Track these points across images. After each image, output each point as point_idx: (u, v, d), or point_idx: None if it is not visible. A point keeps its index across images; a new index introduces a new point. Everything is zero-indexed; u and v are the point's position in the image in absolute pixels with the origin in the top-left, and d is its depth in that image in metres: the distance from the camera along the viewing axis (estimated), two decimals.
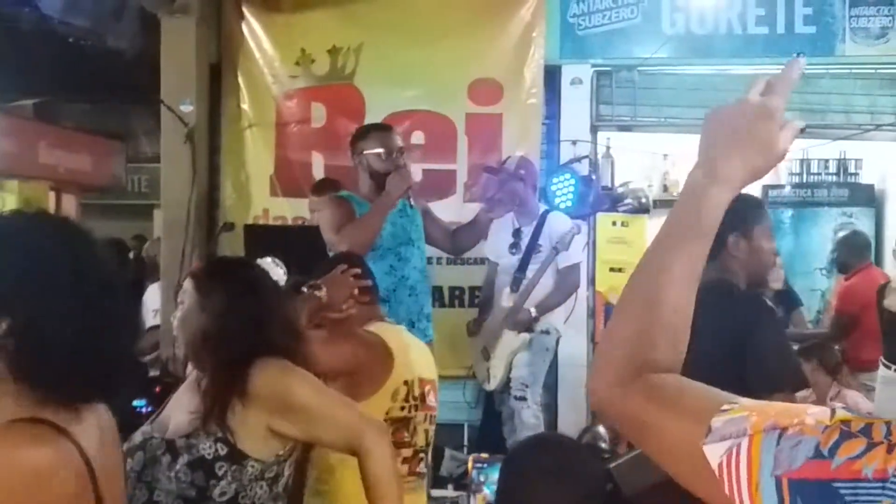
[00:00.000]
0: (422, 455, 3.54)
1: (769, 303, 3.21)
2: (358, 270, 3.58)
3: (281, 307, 2.79)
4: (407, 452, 3.44)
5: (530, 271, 6.11)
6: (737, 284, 3.24)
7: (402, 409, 3.44)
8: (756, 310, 3.18)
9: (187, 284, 2.77)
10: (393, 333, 3.58)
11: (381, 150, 5.30)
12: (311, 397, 2.61)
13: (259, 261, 3.58)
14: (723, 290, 3.21)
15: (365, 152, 5.39)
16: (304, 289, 3.37)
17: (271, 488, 2.61)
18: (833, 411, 1.12)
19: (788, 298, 7.33)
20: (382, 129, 5.66)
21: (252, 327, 2.63)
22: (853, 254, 7.34)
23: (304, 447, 2.94)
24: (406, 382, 3.47)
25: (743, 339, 3.07)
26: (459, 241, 5.84)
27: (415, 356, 3.60)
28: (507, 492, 2.24)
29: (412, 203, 5.46)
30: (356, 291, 3.50)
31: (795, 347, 6.26)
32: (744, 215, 3.32)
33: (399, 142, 5.41)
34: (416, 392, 3.49)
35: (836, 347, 6.89)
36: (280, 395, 2.57)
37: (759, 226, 3.34)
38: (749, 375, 3.02)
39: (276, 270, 3.71)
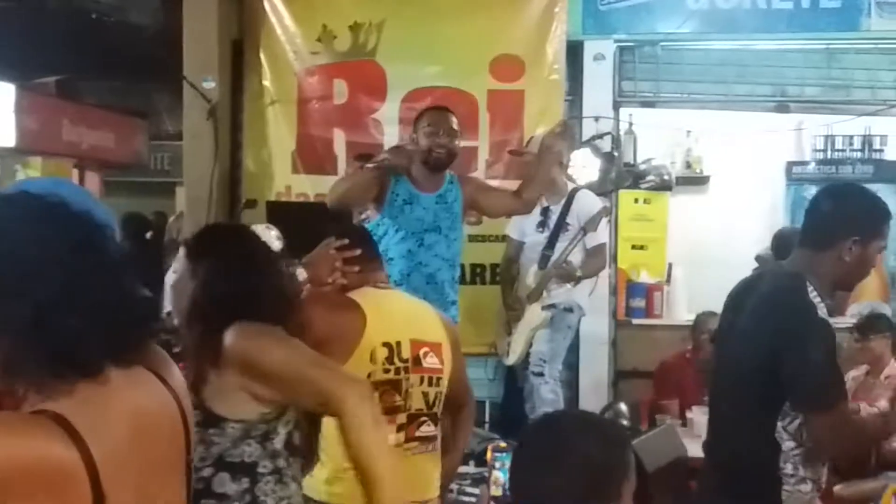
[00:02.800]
0: (424, 419, 3.45)
1: (820, 315, 3.05)
2: (345, 242, 3.56)
3: (272, 274, 2.72)
4: (402, 418, 3.37)
5: (558, 249, 6.11)
6: (808, 284, 3.03)
7: (387, 371, 3.35)
8: (805, 322, 3.00)
9: (181, 252, 2.74)
10: (373, 297, 3.48)
11: (428, 128, 5.29)
12: (283, 360, 2.54)
13: (253, 227, 3.56)
14: (787, 289, 3.09)
15: (417, 130, 5.40)
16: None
17: (264, 446, 2.57)
18: None
19: None
20: (436, 109, 5.62)
21: (240, 294, 2.58)
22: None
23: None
24: (386, 344, 3.37)
25: (784, 350, 2.98)
26: (528, 196, 5.60)
27: (403, 318, 3.51)
28: (511, 478, 2.23)
29: (455, 193, 5.39)
30: (339, 263, 3.51)
31: (855, 322, 6.25)
32: (869, 221, 3.16)
33: (452, 123, 5.34)
34: (405, 354, 3.40)
35: None
36: (252, 358, 2.52)
37: (879, 237, 3.14)
38: (791, 391, 2.99)
39: (268, 235, 3.71)
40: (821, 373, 2.97)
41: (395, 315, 3.50)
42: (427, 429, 3.46)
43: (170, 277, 7.07)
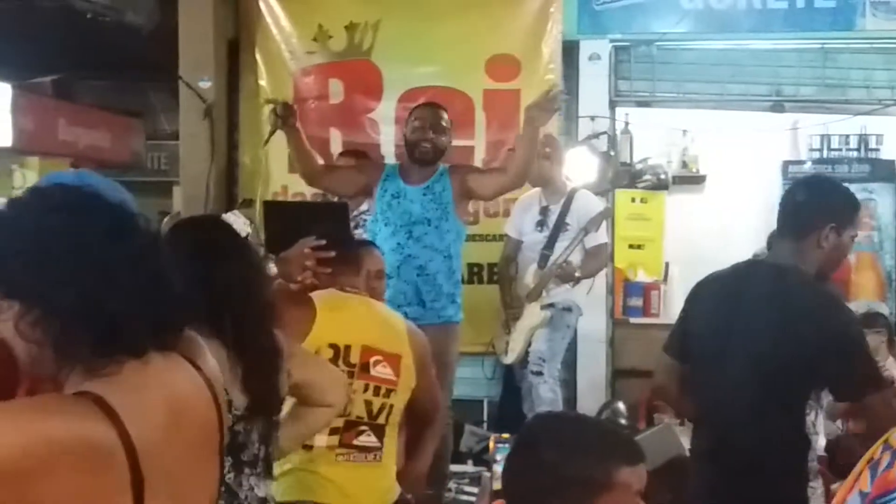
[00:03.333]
0: (363, 428, 3.41)
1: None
2: (321, 242, 3.63)
3: (235, 270, 2.66)
4: (338, 422, 3.32)
5: (557, 249, 6.12)
6: (810, 274, 3.19)
7: None
8: (841, 310, 3.18)
9: None
10: (333, 297, 3.50)
11: (415, 122, 5.38)
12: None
13: (224, 215, 3.55)
14: (801, 282, 3.18)
15: (407, 125, 5.47)
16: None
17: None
18: None
19: None
20: (426, 105, 5.70)
21: (195, 290, 2.55)
22: None
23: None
24: (333, 346, 3.38)
25: (830, 339, 3.04)
26: (515, 169, 5.44)
27: (359, 323, 3.49)
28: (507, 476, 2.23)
29: (444, 183, 5.41)
30: (311, 263, 3.60)
31: None
32: (843, 209, 3.28)
33: (440, 119, 5.39)
34: (353, 359, 3.39)
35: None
36: None
37: (852, 225, 3.28)
38: (843, 378, 3.06)
39: (237, 222, 3.71)
40: (869, 356, 3.14)
41: (350, 319, 3.49)
42: (367, 438, 3.43)
43: None
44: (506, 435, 4.71)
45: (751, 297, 3.24)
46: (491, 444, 4.69)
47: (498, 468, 4.48)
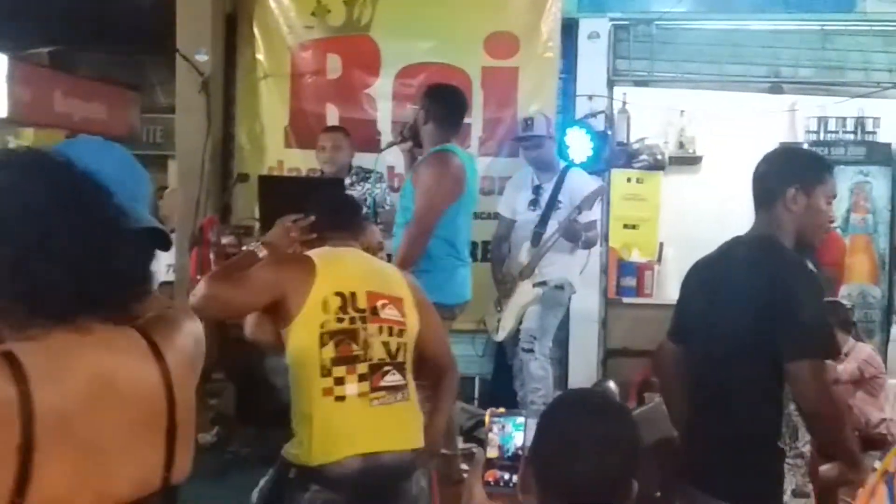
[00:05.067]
0: (388, 368, 3.40)
1: (811, 266, 3.11)
2: (300, 216, 3.68)
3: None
4: (362, 368, 3.34)
5: (550, 227, 6.13)
6: (782, 242, 3.13)
7: (340, 320, 3.35)
8: (797, 273, 3.05)
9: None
10: (328, 252, 3.54)
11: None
12: None
13: None
14: (766, 248, 3.14)
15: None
16: (245, 247, 3.43)
17: None
18: None
19: None
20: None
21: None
22: None
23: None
24: (339, 294, 3.38)
25: (779, 301, 2.99)
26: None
27: (359, 271, 3.51)
28: (549, 453, 2.20)
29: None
30: (294, 234, 3.65)
31: None
32: (807, 170, 3.22)
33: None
34: (361, 304, 3.39)
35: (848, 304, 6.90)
36: None
37: (822, 185, 3.18)
38: (781, 340, 2.97)
39: None
40: (814, 319, 3.00)
41: (350, 268, 3.51)
42: (393, 378, 3.41)
43: (162, 253, 7.05)
44: (501, 409, 4.71)
45: (724, 272, 3.24)
46: (487, 418, 4.70)
47: (495, 437, 4.48)
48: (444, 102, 5.39)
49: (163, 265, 6.84)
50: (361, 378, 3.34)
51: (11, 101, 7.93)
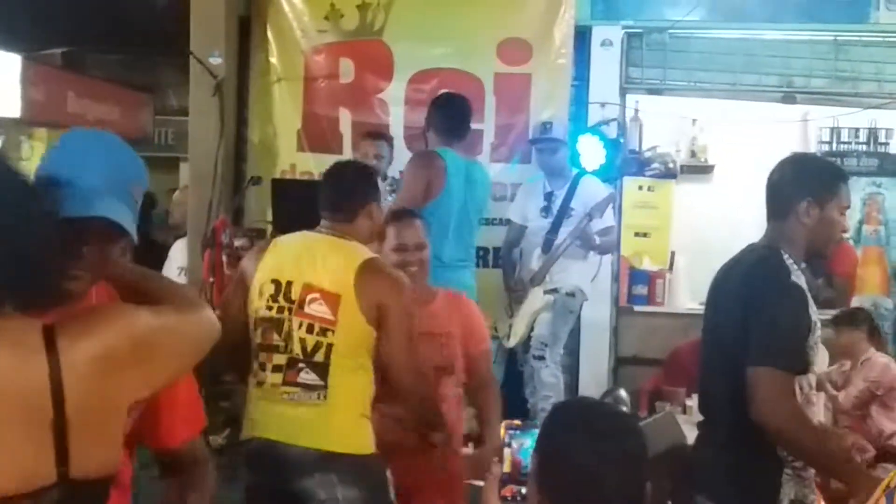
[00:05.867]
0: (302, 366, 3.39)
1: (793, 278, 3.06)
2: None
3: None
4: (280, 359, 3.40)
5: (562, 234, 6.13)
6: (781, 253, 3.10)
7: (269, 308, 3.42)
8: (774, 283, 3.02)
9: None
10: (291, 236, 3.65)
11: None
12: None
13: None
14: (758, 258, 3.14)
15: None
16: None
17: None
18: None
19: None
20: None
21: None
22: None
23: None
24: (275, 281, 3.45)
25: (753, 310, 2.98)
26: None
27: (306, 260, 3.48)
28: (563, 484, 2.12)
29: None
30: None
31: (832, 315, 6.23)
32: (820, 182, 3.18)
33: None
34: (294, 295, 3.41)
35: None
36: None
37: (835, 197, 3.15)
38: (749, 346, 2.96)
39: None
40: (779, 330, 2.96)
41: (296, 256, 3.52)
42: (307, 376, 3.40)
43: (175, 254, 7.04)
44: (518, 421, 4.71)
45: (724, 282, 3.25)
46: (502, 431, 4.69)
47: (521, 458, 4.48)
48: (444, 112, 5.66)
49: (174, 268, 6.83)
50: (276, 369, 3.43)
51: (25, 101, 7.94)
